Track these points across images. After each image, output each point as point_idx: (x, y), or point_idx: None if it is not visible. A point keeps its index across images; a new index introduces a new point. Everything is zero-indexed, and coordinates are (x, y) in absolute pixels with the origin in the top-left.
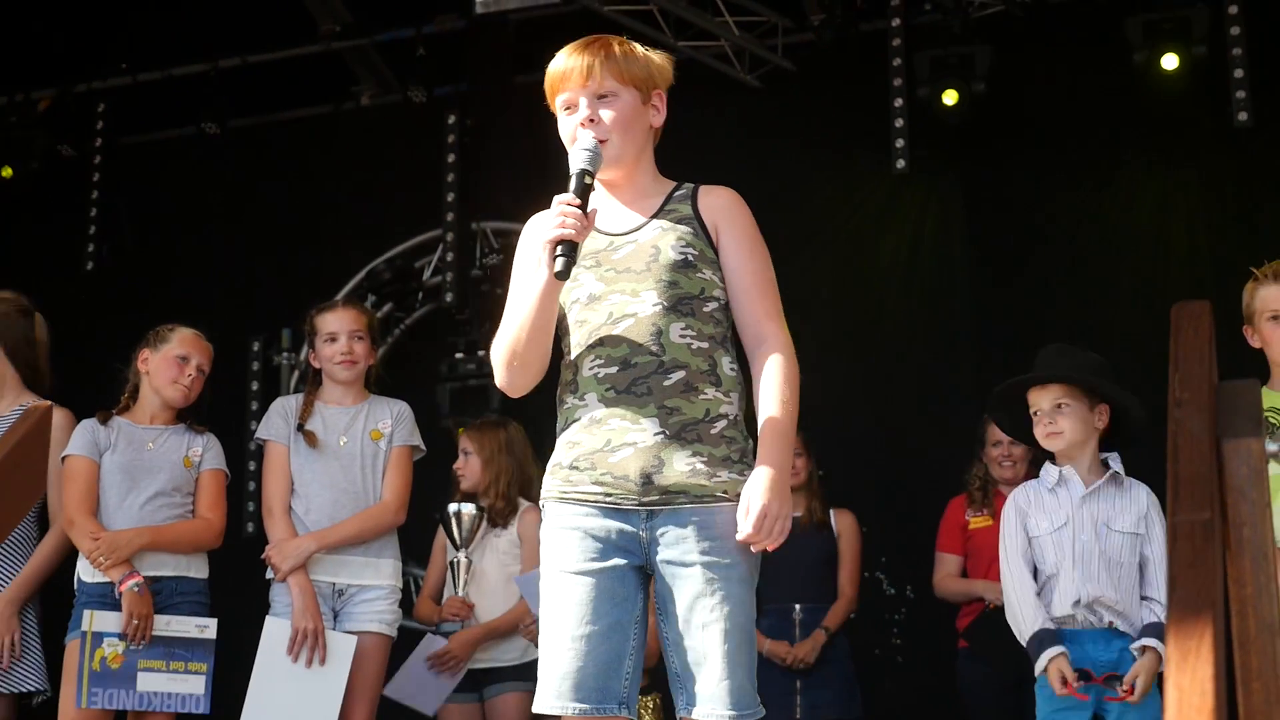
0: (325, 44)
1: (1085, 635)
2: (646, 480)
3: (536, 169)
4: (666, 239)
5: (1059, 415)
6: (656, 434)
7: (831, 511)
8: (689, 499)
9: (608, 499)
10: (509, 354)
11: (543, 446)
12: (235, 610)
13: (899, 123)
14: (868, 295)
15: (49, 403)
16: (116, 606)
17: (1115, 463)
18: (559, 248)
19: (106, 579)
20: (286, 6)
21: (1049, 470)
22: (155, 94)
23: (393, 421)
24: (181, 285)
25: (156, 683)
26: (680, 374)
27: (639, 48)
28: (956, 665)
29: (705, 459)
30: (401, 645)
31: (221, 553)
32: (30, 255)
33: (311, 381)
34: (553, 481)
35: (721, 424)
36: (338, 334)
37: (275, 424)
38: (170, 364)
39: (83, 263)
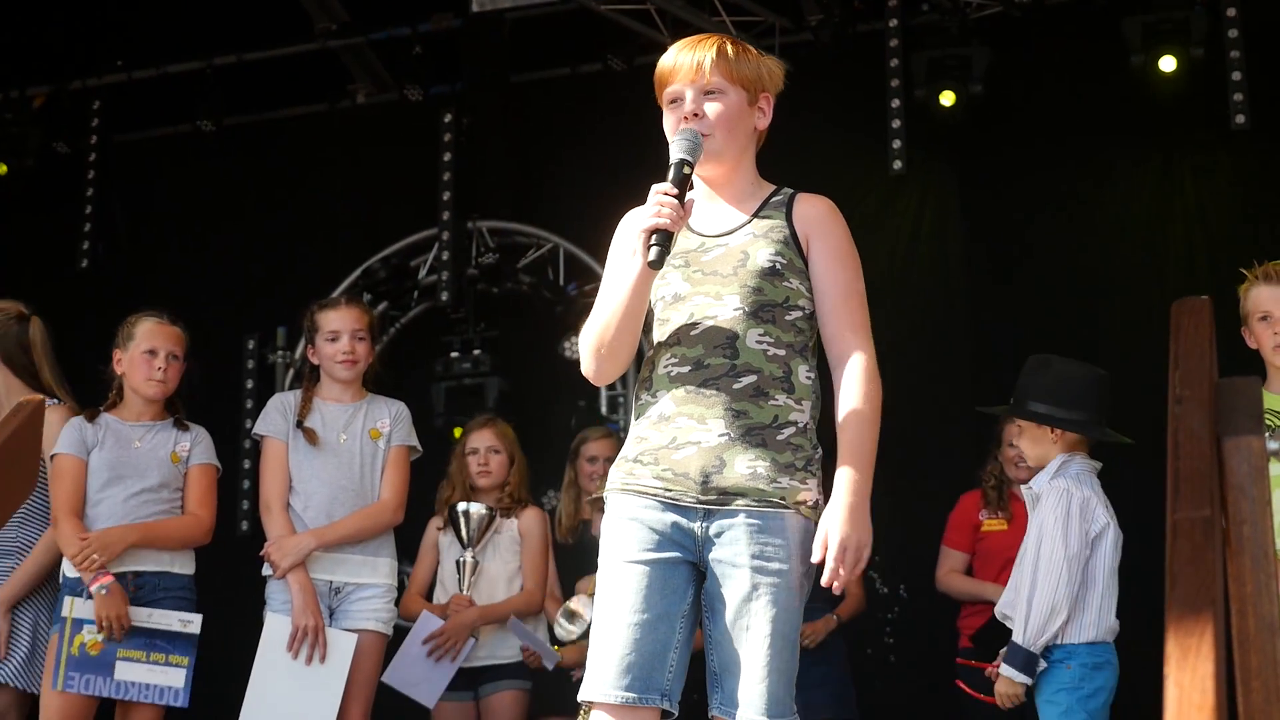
0: (321, 42)
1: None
2: (706, 479)
3: (532, 168)
4: (757, 245)
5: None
6: (721, 435)
7: None
8: (747, 501)
9: (667, 494)
10: (597, 341)
11: (541, 444)
12: (231, 608)
13: (896, 123)
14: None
15: (41, 397)
16: None
17: (1036, 482)
18: (654, 237)
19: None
20: (282, 4)
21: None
22: (151, 91)
23: (391, 421)
24: (176, 283)
25: (135, 673)
26: (752, 378)
27: (753, 50)
28: (958, 667)
29: (768, 464)
30: (395, 643)
31: (216, 550)
32: (25, 252)
33: (309, 378)
34: (617, 474)
35: (789, 430)
36: (340, 333)
37: (274, 420)
38: (140, 361)
39: (78, 260)
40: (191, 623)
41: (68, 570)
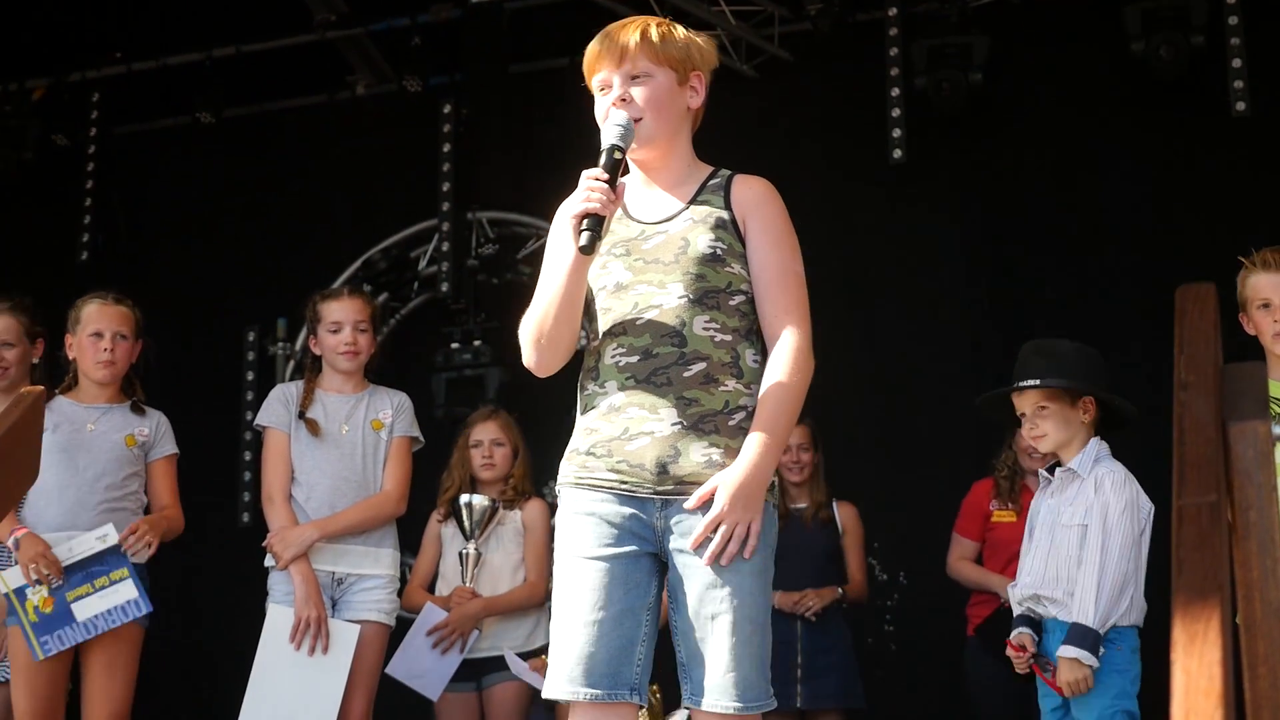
0: (320, 33)
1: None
2: (662, 469)
3: (532, 158)
4: (697, 231)
5: (1040, 419)
6: (674, 424)
7: (835, 504)
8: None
9: (623, 485)
10: (537, 332)
11: (543, 435)
12: (233, 599)
13: (895, 112)
14: (863, 284)
15: (41, 388)
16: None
17: (1077, 462)
18: (585, 222)
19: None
20: None
21: (1042, 475)
22: (149, 83)
23: (393, 412)
24: (176, 275)
25: (92, 606)
26: (701, 365)
27: (680, 29)
28: (965, 655)
29: (721, 450)
30: (398, 635)
31: (218, 541)
32: (24, 245)
33: (311, 368)
34: (569, 467)
35: (740, 415)
36: (342, 324)
37: (276, 411)
38: (87, 345)
39: (77, 252)
40: (106, 534)
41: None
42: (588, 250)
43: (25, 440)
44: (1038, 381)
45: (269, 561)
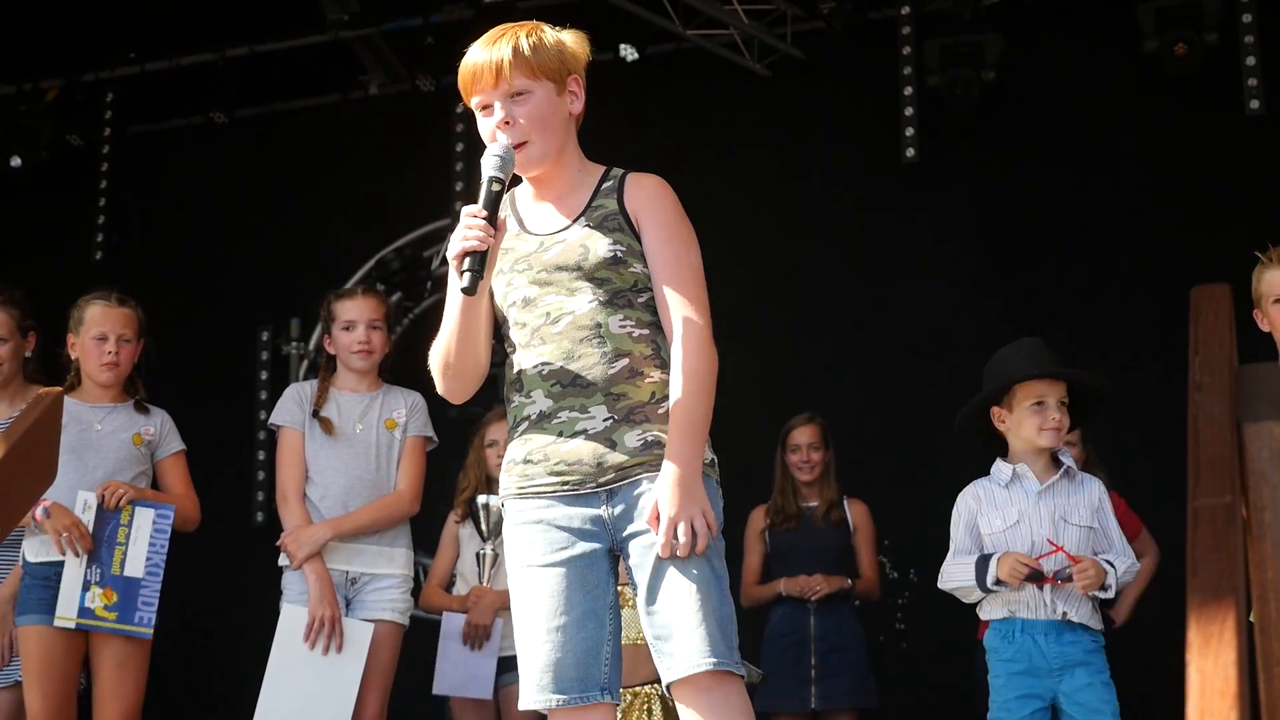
0: (333, 33)
1: (1038, 626)
2: (600, 462)
3: None
4: (594, 237)
5: (1062, 411)
6: (606, 419)
7: (846, 501)
8: (644, 470)
9: (565, 486)
10: (443, 363)
11: None
12: (247, 598)
13: (909, 111)
14: (874, 282)
15: (59, 389)
16: (59, 586)
17: (1067, 458)
18: (466, 261)
19: (51, 559)
20: None
21: (1000, 468)
22: (163, 83)
23: (407, 411)
24: (189, 275)
25: (138, 555)
26: (625, 361)
27: (549, 34)
28: (975, 659)
29: (656, 432)
30: (412, 634)
31: (232, 541)
32: (39, 244)
33: (325, 368)
34: (509, 479)
35: (667, 403)
36: (356, 323)
37: (290, 410)
38: (91, 347)
39: (91, 252)
40: (88, 500)
41: (30, 557)
42: (470, 291)
43: (44, 440)
44: (1078, 373)
45: (283, 561)
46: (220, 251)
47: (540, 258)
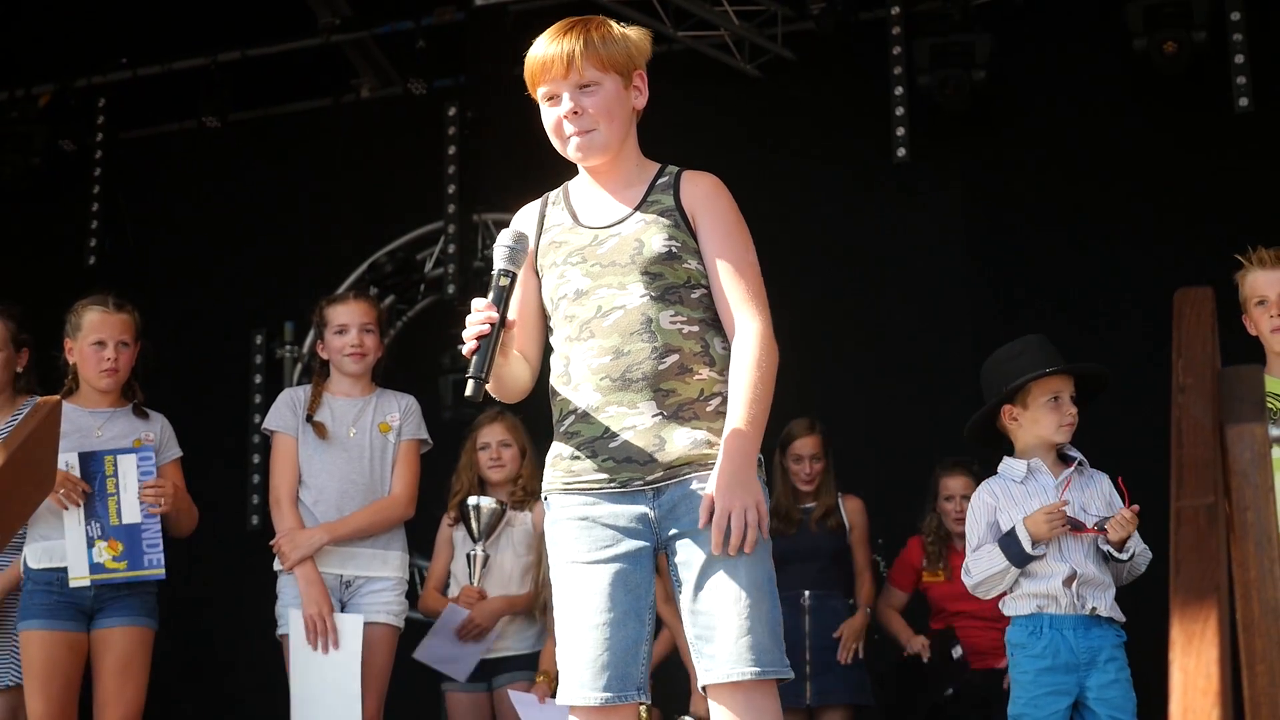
0: (325, 37)
1: (1066, 621)
2: (650, 459)
3: (536, 160)
4: (650, 231)
5: (1075, 407)
6: (655, 415)
7: (842, 498)
8: (694, 469)
9: (612, 483)
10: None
11: (550, 436)
12: (242, 602)
13: (899, 111)
14: (866, 282)
15: (57, 397)
16: (61, 591)
17: (1076, 452)
18: (475, 359)
19: (53, 565)
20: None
21: (1012, 464)
22: (155, 88)
23: (401, 415)
24: (183, 279)
25: (131, 501)
26: (675, 357)
27: (616, 28)
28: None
29: (705, 431)
30: (410, 637)
31: (227, 545)
32: (32, 250)
33: (319, 373)
34: (554, 474)
35: (716, 401)
36: (348, 326)
37: (283, 415)
38: (89, 353)
39: (85, 257)
40: (71, 464)
41: (31, 563)
42: (474, 399)
43: (43, 448)
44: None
45: (278, 565)
46: (213, 255)
47: (594, 251)
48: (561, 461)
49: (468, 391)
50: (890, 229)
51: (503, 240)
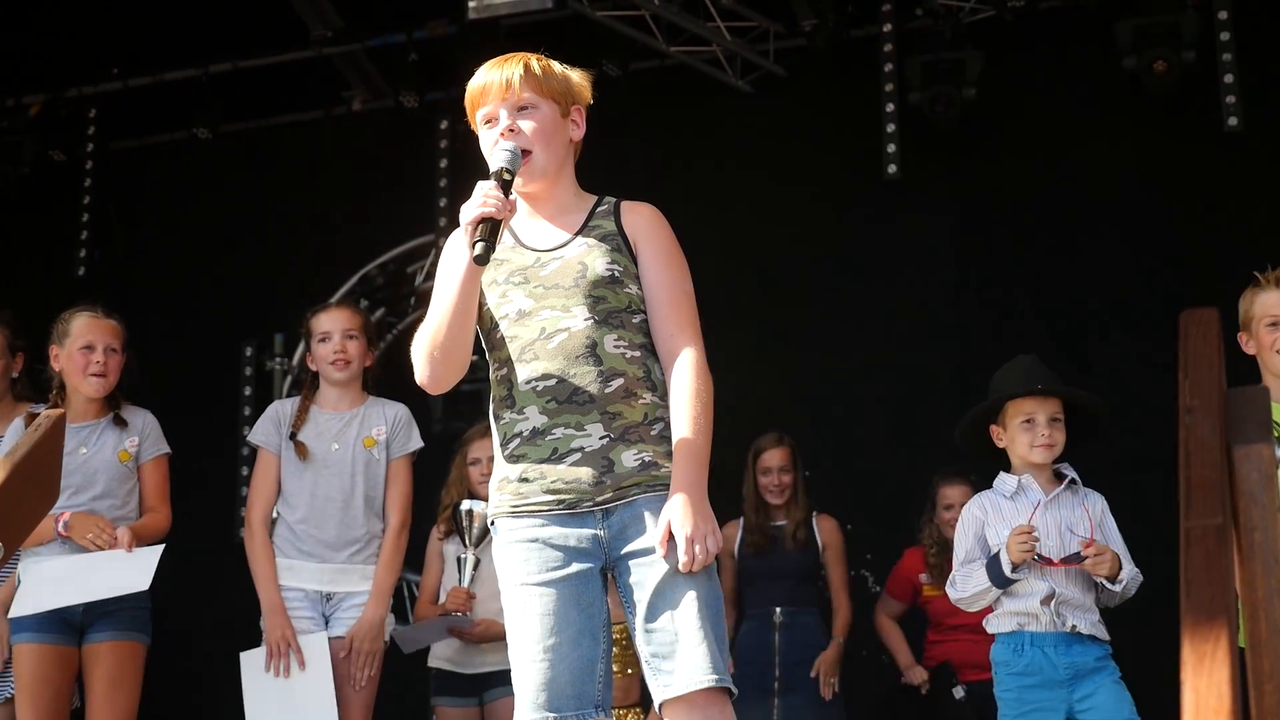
0: (316, 49)
1: (1047, 639)
2: (598, 481)
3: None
4: (593, 255)
5: (1053, 428)
6: (601, 438)
7: (815, 517)
8: (641, 490)
9: (561, 505)
10: (430, 345)
11: None
12: (230, 613)
13: (890, 128)
14: (857, 298)
15: (61, 410)
16: (47, 630)
17: (1070, 470)
18: (479, 230)
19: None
20: (278, 12)
21: (1005, 480)
22: (146, 99)
23: (389, 429)
24: (173, 290)
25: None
26: (620, 381)
27: (557, 65)
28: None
29: (651, 454)
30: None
31: (215, 555)
32: (21, 260)
33: (309, 385)
34: (502, 497)
35: (659, 425)
36: (331, 334)
37: (267, 431)
38: (77, 357)
39: (74, 268)
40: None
41: (24, 576)
42: (483, 260)
43: (47, 462)
44: (1071, 390)
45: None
46: (204, 267)
47: (537, 272)
48: (509, 484)
49: (476, 252)
50: (880, 245)
51: (502, 146)
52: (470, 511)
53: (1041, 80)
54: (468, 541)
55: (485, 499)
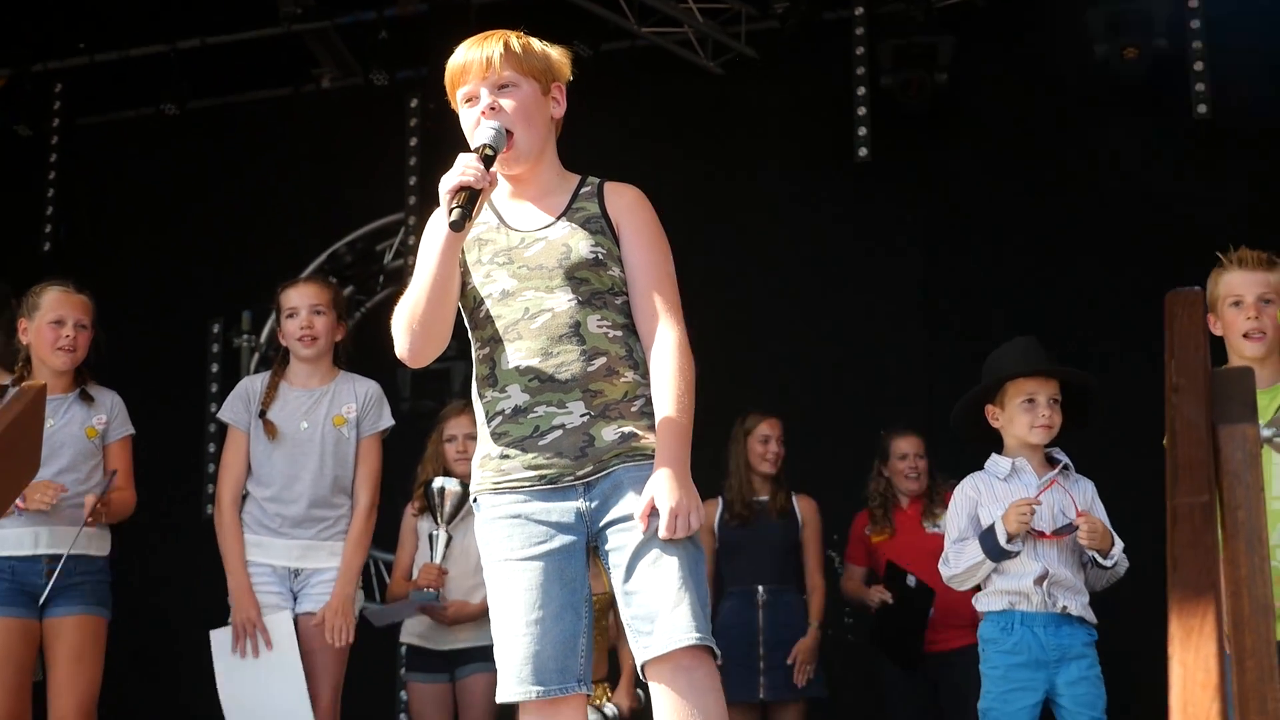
0: (286, 26)
1: (1037, 619)
2: (580, 455)
3: None
4: (576, 237)
5: (1053, 410)
6: (583, 415)
7: (794, 497)
8: (622, 460)
9: (543, 480)
10: (409, 317)
11: None
12: (197, 590)
13: (861, 111)
14: (825, 280)
15: (43, 382)
16: (12, 579)
17: (1063, 456)
18: (456, 198)
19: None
20: None
21: (998, 461)
22: (113, 74)
23: (359, 407)
24: (140, 267)
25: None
26: (602, 360)
27: (537, 42)
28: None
29: (631, 427)
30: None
31: (183, 533)
32: None
33: (279, 361)
34: (484, 474)
35: (639, 402)
36: (298, 309)
37: (236, 408)
38: (46, 331)
39: (40, 244)
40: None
41: None
42: (458, 226)
43: (27, 434)
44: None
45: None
46: (171, 244)
47: (521, 253)
48: (490, 461)
49: (452, 218)
50: (850, 228)
51: (487, 124)
52: (442, 489)
53: (1013, 65)
54: (440, 519)
55: (461, 476)
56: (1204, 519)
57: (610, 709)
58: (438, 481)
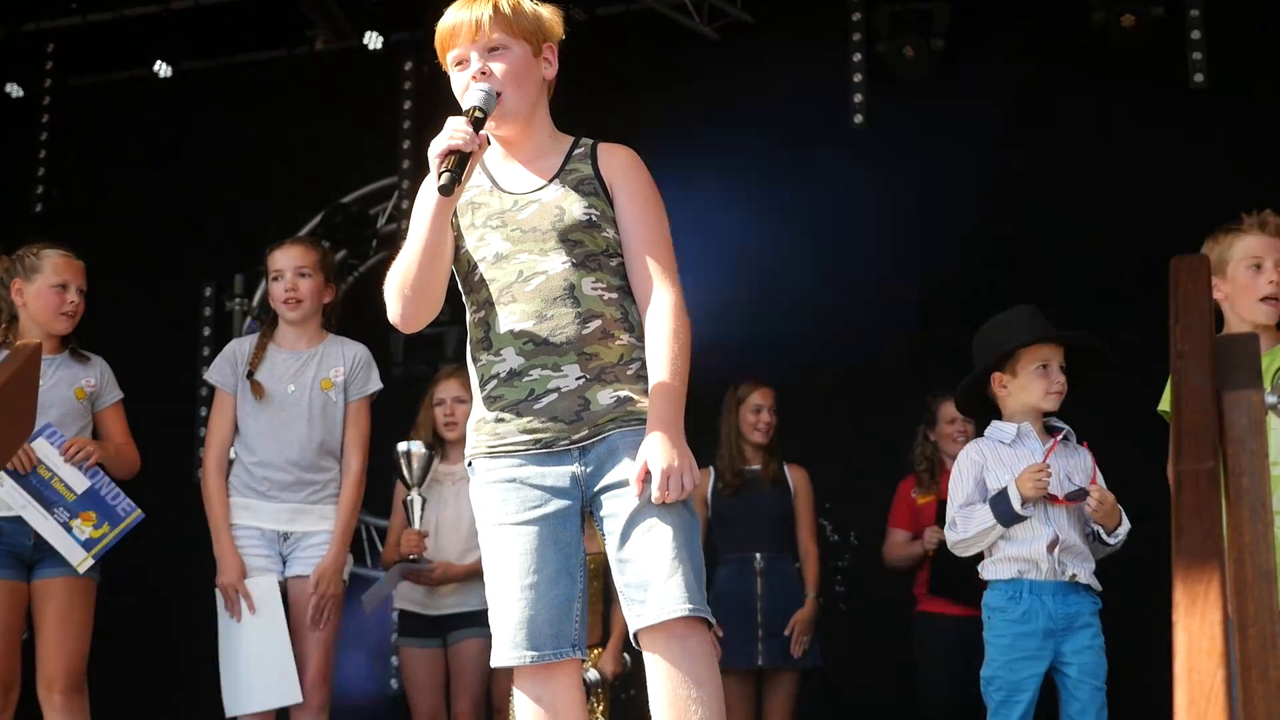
0: None
1: (1046, 587)
2: (575, 419)
3: None
4: (570, 199)
5: (1062, 375)
6: (579, 378)
7: (786, 466)
8: (617, 425)
9: (538, 445)
10: (402, 282)
11: None
12: (187, 554)
13: (857, 77)
14: (821, 249)
15: (38, 341)
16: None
17: (1061, 424)
18: (445, 161)
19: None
20: None
21: (1001, 427)
22: (106, 34)
23: (346, 371)
24: (131, 229)
25: (70, 472)
26: (597, 322)
27: (527, 2)
28: (914, 627)
29: (627, 391)
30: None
31: (173, 496)
32: None
33: (268, 324)
34: (479, 437)
35: (635, 365)
36: (283, 271)
37: (223, 370)
38: (50, 295)
39: (31, 204)
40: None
41: None
42: (447, 191)
43: (23, 392)
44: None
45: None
46: (163, 206)
47: (514, 216)
48: (485, 425)
49: (441, 182)
50: (845, 195)
51: (477, 87)
52: (408, 452)
53: (1009, 32)
54: (410, 482)
55: (451, 441)
56: (1209, 484)
57: (592, 674)
58: (403, 445)
